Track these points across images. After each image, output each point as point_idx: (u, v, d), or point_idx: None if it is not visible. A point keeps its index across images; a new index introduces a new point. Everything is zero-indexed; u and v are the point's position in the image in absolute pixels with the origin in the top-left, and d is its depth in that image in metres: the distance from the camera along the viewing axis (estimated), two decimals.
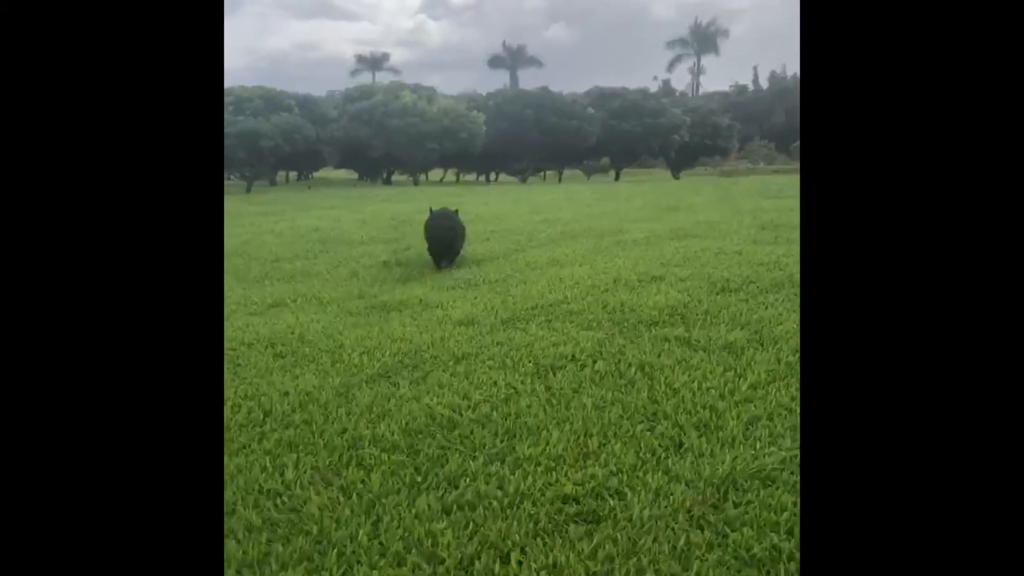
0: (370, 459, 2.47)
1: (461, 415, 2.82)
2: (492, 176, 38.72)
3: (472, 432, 2.65)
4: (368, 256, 7.06)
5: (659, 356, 3.38)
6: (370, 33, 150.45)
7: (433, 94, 28.53)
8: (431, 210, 6.56)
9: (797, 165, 42.27)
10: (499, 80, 61.13)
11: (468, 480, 2.28)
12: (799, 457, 2.19)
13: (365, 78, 55.22)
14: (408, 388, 3.15)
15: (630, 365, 3.27)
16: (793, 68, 57.24)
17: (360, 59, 66.13)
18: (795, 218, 8.20)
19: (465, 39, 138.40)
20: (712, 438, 2.51)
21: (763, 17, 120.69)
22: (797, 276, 4.84)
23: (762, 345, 3.50)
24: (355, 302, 5.01)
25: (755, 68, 69.93)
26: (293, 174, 42.01)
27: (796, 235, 6.92)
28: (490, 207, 12.60)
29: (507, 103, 30.86)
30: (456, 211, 6.59)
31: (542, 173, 39.97)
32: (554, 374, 3.24)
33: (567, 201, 13.74)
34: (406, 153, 26.54)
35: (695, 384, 3.00)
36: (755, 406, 2.76)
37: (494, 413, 2.81)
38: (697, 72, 66.22)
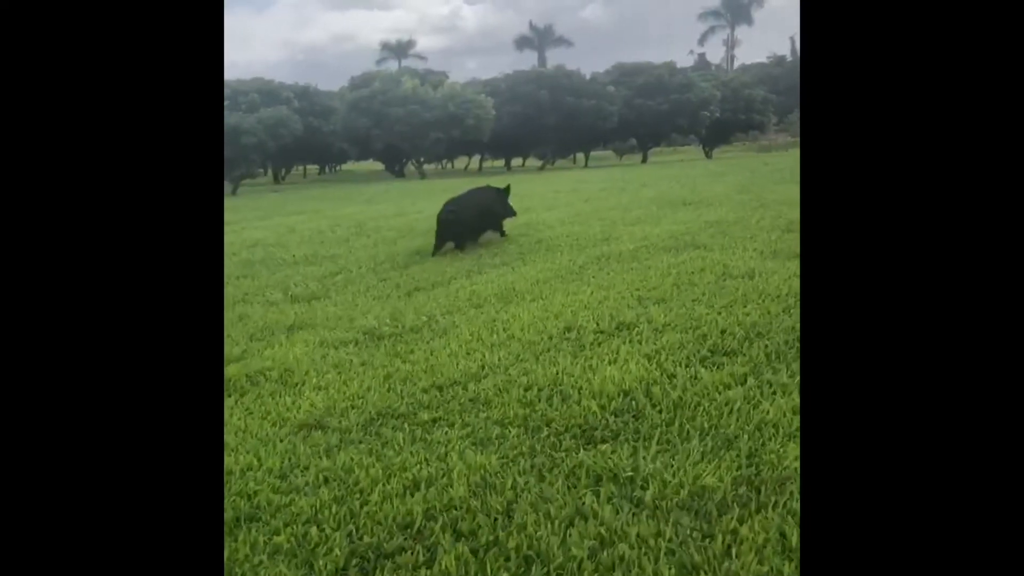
0: None
1: None
2: (518, 162, 37.01)
3: None
4: (281, 286, 5.66)
5: (569, 528, 1.88)
6: (405, 21, 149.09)
7: (443, 79, 26.89)
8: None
9: None
10: (530, 63, 59.02)
11: None
12: None
13: (391, 66, 53.90)
14: None
15: (509, 559, 1.79)
16: None
17: (385, 46, 64.69)
18: None
19: (502, 23, 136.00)
20: None
21: None
22: None
23: (758, 492, 1.98)
24: None
25: (792, 38, 66.11)
26: (314, 168, 40.80)
27: None
28: None
29: (520, 85, 29.01)
30: (500, 189, 6.80)
31: (572, 156, 38.01)
32: None
33: (570, 193, 12.15)
34: (408, 143, 24.88)
35: None
36: None
37: None
38: (731, 44, 63.35)
